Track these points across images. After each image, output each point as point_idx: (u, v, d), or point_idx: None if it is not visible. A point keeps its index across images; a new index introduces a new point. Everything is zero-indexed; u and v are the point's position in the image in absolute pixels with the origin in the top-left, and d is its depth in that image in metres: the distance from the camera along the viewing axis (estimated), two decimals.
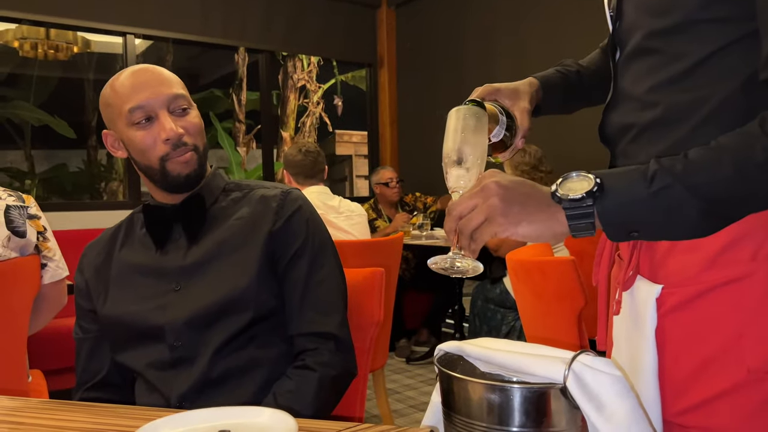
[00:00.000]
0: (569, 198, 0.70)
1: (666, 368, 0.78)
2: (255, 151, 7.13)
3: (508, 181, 0.74)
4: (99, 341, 1.20)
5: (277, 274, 1.15)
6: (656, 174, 0.68)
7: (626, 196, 0.70)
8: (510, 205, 0.72)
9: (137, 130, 1.11)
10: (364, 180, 7.11)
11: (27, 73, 6.78)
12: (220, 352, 1.09)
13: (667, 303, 0.77)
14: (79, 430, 0.80)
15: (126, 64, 4.00)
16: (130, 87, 1.12)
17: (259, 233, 1.14)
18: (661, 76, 0.78)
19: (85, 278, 1.22)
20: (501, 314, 3.20)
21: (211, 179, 1.21)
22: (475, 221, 0.73)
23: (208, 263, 1.13)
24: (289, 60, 6.79)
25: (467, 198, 0.75)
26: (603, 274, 0.93)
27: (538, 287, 1.99)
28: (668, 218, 0.69)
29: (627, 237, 0.72)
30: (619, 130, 0.85)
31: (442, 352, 0.78)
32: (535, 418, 0.66)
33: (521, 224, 0.72)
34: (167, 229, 1.16)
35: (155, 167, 1.13)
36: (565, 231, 0.72)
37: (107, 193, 7.28)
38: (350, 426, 0.76)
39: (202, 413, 0.77)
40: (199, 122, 1.16)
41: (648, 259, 0.82)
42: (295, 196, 1.20)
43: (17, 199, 1.73)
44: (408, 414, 3.00)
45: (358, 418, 1.32)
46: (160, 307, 1.12)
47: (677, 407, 0.77)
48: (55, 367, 2.56)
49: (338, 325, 1.14)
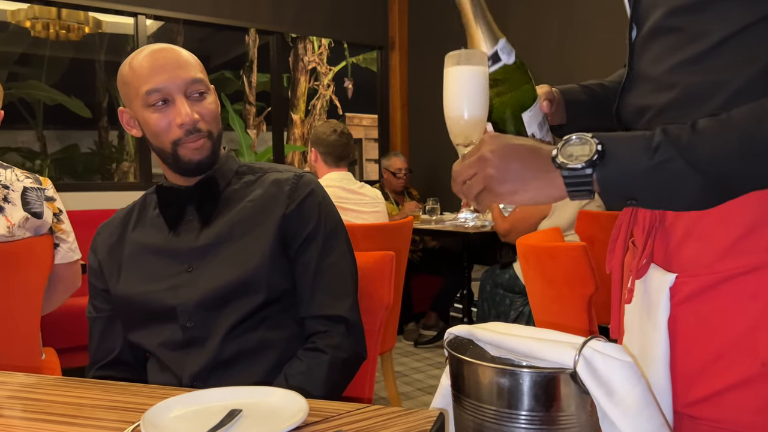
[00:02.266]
0: (569, 167, 0.70)
1: (678, 359, 0.77)
2: (265, 133, 7.12)
3: (504, 147, 0.74)
4: (112, 320, 1.21)
5: (289, 256, 1.15)
6: (660, 145, 0.67)
7: (627, 166, 0.69)
8: (506, 174, 0.73)
9: (153, 112, 1.12)
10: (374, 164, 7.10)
11: (39, 54, 6.79)
12: (232, 332, 1.10)
13: (680, 292, 0.76)
14: (93, 407, 0.82)
15: (137, 45, 3.99)
16: (148, 68, 1.11)
17: (271, 216, 1.14)
18: (681, 56, 0.75)
19: (98, 258, 1.23)
20: (510, 299, 3.20)
21: (224, 162, 1.21)
22: (475, 189, 0.75)
23: (220, 245, 1.13)
24: (299, 42, 6.75)
25: (467, 165, 0.76)
26: (617, 262, 0.91)
27: (549, 273, 1.99)
28: (668, 191, 0.69)
29: (624, 204, 0.73)
30: (636, 111, 0.83)
31: (452, 335, 0.78)
32: (544, 402, 0.66)
33: (518, 193, 0.73)
34: (180, 211, 1.17)
35: (168, 150, 1.13)
36: (562, 195, 0.73)
37: (118, 174, 7.31)
38: (360, 407, 0.77)
39: (214, 392, 0.78)
40: (215, 108, 1.16)
41: (662, 247, 0.80)
42: (307, 179, 1.20)
43: (35, 182, 1.75)
44: (416, 397, 3.02)
45: (367, 399, 1.33)
46: (173, 288, 1.13)
47: (688, 398, 0.76)
48: (67, 345, 2.60)
49: (349, 308, 1.15)
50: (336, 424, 0.71)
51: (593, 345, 0.66)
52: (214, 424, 0.68)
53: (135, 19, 3.98)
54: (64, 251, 1.81)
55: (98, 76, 7.11)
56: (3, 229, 1.65)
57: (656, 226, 0.81)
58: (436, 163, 4.68)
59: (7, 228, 1.65)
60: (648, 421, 0.64)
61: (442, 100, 0.84)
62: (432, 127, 4.83)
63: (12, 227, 1.66)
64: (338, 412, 0.75)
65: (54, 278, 1.82)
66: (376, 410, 0.75)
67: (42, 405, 0.83)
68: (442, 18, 4.82)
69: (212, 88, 1.19)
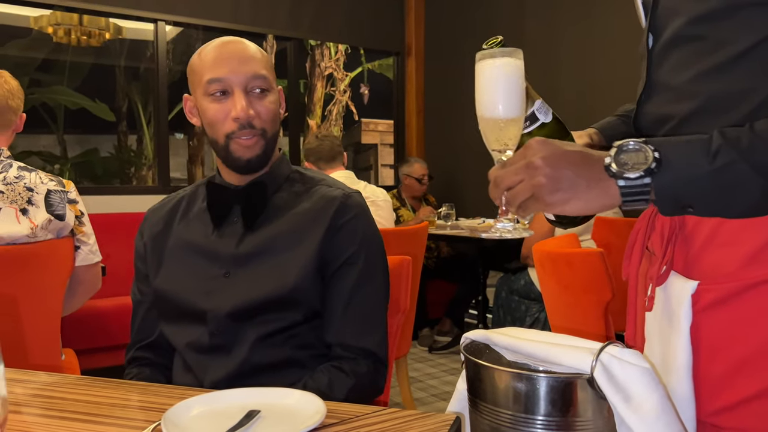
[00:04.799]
0: (625, 176, 0.67)
1: (701, 367, 0.75)
2: (282, 138, 7.16)
3: (555, 154, 0.70)
4: (154, 304, 1.22)
5: (325, 278, 1.13)
6: (720, 149, 0.65)
7: (686, 171, 0.66)
8: (557, 183, 0.69)
9: (211, 102, 1.12)
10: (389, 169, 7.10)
11: (61, 59, 6.89)
12: (259, 345, 1.09)
13: (703, 299, 0.74)
14: (114, 406, 0.83)
15: (156, 51, 4.05)
16: (213, 58, 1.12)
17: (314, 233, 1.12)
18: (704, 65, 0.74)
19: (144, 242, 1.24)
20: (525, 305, 3.19)
21: (277, 166, 1.20)
22: (521, 196, 0.71)
23: (259, 255, 1.12)
24: (316, 48, 6.79)
25: (512, 172, 0.72)
26: (633, 269, 0.90)
27: (565, 279, 1.98)
28: (728, 196, 0.67)
29: (680, 212, 0.70)
30: (656, 121, 0.82)
31: (468, 340, 0.78)
32: (561, 407, 0.66)
33: (570, 202, 0.70)
34: (226, 210, 1.16)
35: (221, 143, 1.13)
36: (615, 204, 0.70)
37: (137, 178, 7.38)
38: (377, 410, 0.77)
39: (234, 393, 0.79)
40: (274, 108, 1.15)
41: (682, 254, 0.78)
42: (355, 201, 1.17)
43: (58, 184, 1.77)
44: (430, 402, 3.01)
45: (383, 403, 1.33)
46: (207, 292, 1.12)
47: (712, 407, 0.74)
48: (86, 346, 2.63)
49: (379, 342, 1.13)
50: (353, 426, 0.72)
51: (611, 350, 0.66)
52: (233, 425, 0.69)
53: (155, 25, 4.03)
54: (84, 253, 1.84)
55: (118, 81, 7.19)
56: (26, 230, 1.68)
57: (676, 233, 0.80)
58: (451, 170, 4.68)
59: (31, 229, 1.68)
60: (666, 427, 0.64)
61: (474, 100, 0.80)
62: (448, 133, 4.82)
63: (35, 228, 1.69)
64: (355, 414, 0.75)
65: (74, 280, 1.84)
66: (393, 413, 0.76)
67: (63, 403, 0.84)
68: (458, 24, 4.82)
69: (279, 89, 1.19)
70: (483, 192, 0.85)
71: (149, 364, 1.21)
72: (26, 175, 1.73)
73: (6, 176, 1.70)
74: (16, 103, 1.80)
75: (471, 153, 3.95)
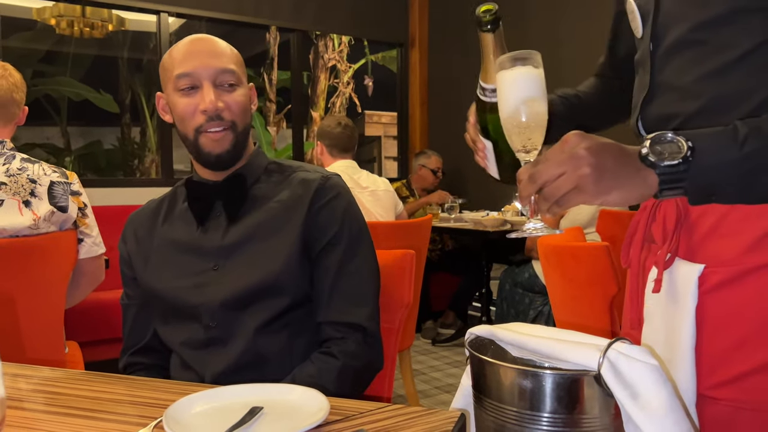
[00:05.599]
0: (665, 164, 0.70)
1: (704, 344, 0.79)
2: (285, 130, 7.15)
3: (598, 145, 0.71)
4: (143, 308, 1.23)
5: (311, 259, 1.14)
6: (748, 136, 0.69)
7: (717, 158, 0.70)
8: (602, 173, 0.70)
9: (181, 97, 1.13)
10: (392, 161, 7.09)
11: (64, 51, 6.88)
12: (255, 335, 1.09)
13: (709, 281, 0.78)
14: (116, 402, 0.82)
15: (159, 43, 4.03)
16: (183, 53, 1.13)
17: (296, 217, 1.14)
18: (707, 68, 0.78)
19: (127, 248, 1.24)
20: (529, 298, 3.18)
21: (254, 158, 1.21)
22: (564, 189, 0.71)
23: (245, 244, 1.13)
24: (320, 39, 6.76)
25: (554, 165, 0.72)
26: (634, 256, 0.93)
27: (570, 273, 1.97)
28: (754, 181, 0.71)
29: (706, 200, 0.74)
30: (661, 120, 0.85)
31: (473, 335, 0.77)
32: (567, 404, 0.65)
33: (612, 192, 0.71)
34: (208, 206, 1.17)
35: (191, 138, 1.14)
36: (652, 193, 0.72)
37: (140, 171, 7.39)
38: (380, 406, 0.76)
39: (236, 389, 0.78)
40: (244, 101, 1.16)
41: (685, 242, 0.82)
42: (334, 182, 1.19)
43: (61, 176, 1.77)
44: (433, 395, 3.01)
45: (387, 398, 1.32)
46: (198, 286, 1.13)
47: (712, 381, 0.79)
48: (90, 339, 2.63)
49: (368, 316, 1.13)
50: (356, 423, 0.71)
51: (618, 347, 0.65)
52: (236, 422, 0.68)
53: (157, 16, 4.01)
54: (88, 245, 1.84)
55: (121, 73, 7.18)
56: (29, 222, 1.68)
57: (681, 222, 0.83)
58: (455, 162, 4.66)
59: (33, 220, 1.68)
60: (674, 425, 0.63)
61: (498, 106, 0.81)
62: (452, 126, 4.79)
63: (38, 220, 1.69)
64: (359, 411, 0.75)
65: (78, 272, 1.84)
66: (397, 410, 0.75)
67: (65, 399, 0.84)
68: (462, 16, 4.79)
69: (250, 85, 1.20)
70: (487, 185, 0.84)
71: (144, 369, 1.22)
72: (29, 166, 1.73)
73: (9, 168, 1.70)
74: (20, 96, 1.80)
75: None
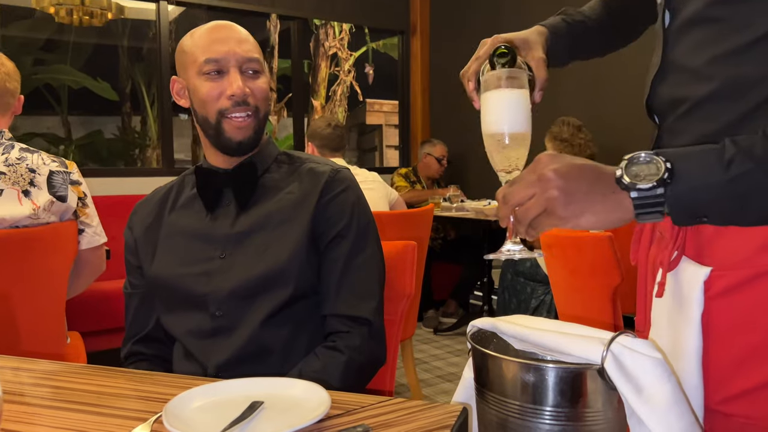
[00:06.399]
0: (638, 187, 0.65)
1: (711, 354, 0.74)
2: (286, 119, 7.12)
3: (567, 167, 0.68)
4: (146, 297, 1.23)
5: (318, 251, 1.14)
6: (735, 158, 0.63)
7: (700, 181, 0.65)
8: (571, 196, 0.67)
9: (206, 81, 1.13)
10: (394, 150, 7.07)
11: (63, 39, 6.85)
12: (261, 326, 1.09)
13: (716, 286, 0.73)
14: (117, 396, 0.82)
15: (159, 31, 4.01)
16: (209, 39, 1.14)
17: (305, 209, 1.14)
18: (722, 48, 0.72)
19: (134, 236, 1.24)
20: (531, 288, 3.18)
21: (265, 147, 1.22)
22: (533, 212, 0.69)
23: (254, 233, 1.13)
24: (320, 27, 6.72)
25: (523, 187, 0.70)
26: (643, 253, 0.89)
27: (573, 263, 1.96)
28: (744, 206, 0.65)
29: (693, 222, 0.68)
30: (669, 103, 0.80)
31: (475, 328, 0.77)
32: (570, 398, 0.65)
33: (584, 216, 0.68)
34: (218, 194, 1.17)
35: (212, 121, 1.14)
36: (630, 218, 0.68)
37: (141, 160, 7.38)
38: (382, 400, 0.76)
39: (236, 383, 0.77)
40: (267, 88, 1.18)
41: (694, 240, 0.77)
42: (343, 175, 1.19)
43: (60, 165, 1.76)
44: (435, 384, 3.02)
45: (389, 391, 1.32)
46: (205, 274, 1.13)
47: (721, 395, 0.73)
48: (91, 329, 2.63)
49: (373, 311, 1.13)
50: (358, 418, 0.71)
51: (621, 341, 0.65)
52: (236, 417, 0.68)
53: (157, 4, 3.98)
54: (89, 236, 1.83)
55: (121, 62, 7.15)
56: (28, 211, 1.67)
57: None
58: (457, 151, 4.64)
59: (33, 210, 1.67)
60: (678, 419, 0.63)
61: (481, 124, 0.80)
62: (453, 114, 4.78)
63: (37, 209, 1.68)
64: (361, 405, 0.74)
65: (79, 262, 1.84)
66: (399, 403, 0.75)
67: (64, 393, 0.83)
68: (464, 3, 4.75)
69: (266, 71, 1.21)
70: (488, 174, 0.83)
71: (145, 359, 1.21)
72: (28, 156, 1.72)
73: (8, 158, 1.69)
74: (14, 86, 1.78)
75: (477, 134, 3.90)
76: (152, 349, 1.22)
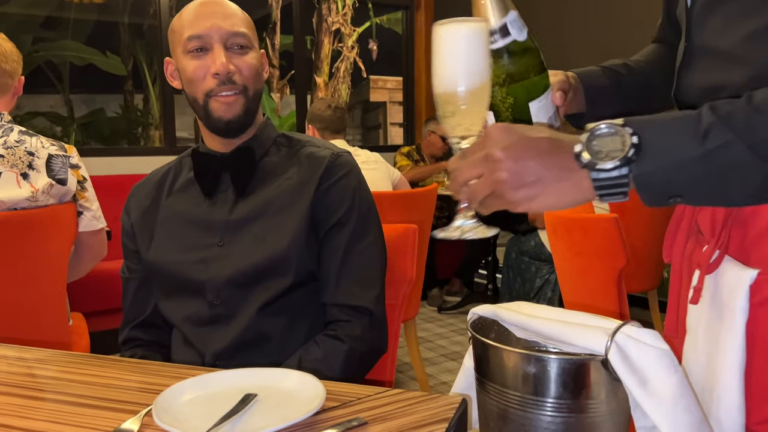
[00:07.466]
0: (599, 167, 0.58)
1: (755, 369, 0.66)
2: (288, 96, 7.07)
3: (519, 144, 0.60)
4: (144, 282, 1.21)
5: (318, 237, 1.12)
6: (711, 128, 0.55)
7: (672, 156, 0.56)
8: (521, 177, 0.59)
9: (191, 59, 1.10)
10: (398, 128, 7.01)
11: (64, 17, 6.78)
12: (259, 313, 1.08)
13: (763, 291, 0.64)
14: (107, 387, 0.80)
15: (159, 8, 3.95)
16: (193, 15, 1.10)
17: (305, 195, 1.11)
18: (754, 24, 0.62)
19: (131, 220, 1.21)
20: (535, 267, 3.16)
21: (262, 130, 1.18)
22: (481, 194, 0.62)
23: (252, 221, 1.11)
24: (323, 2, 6.62)
25: (470, 165, 0.62)
26: (678, 250, 0.79)
27: (578, 245, 1.94)
28: (724, 183, 0.57)
29: (665, 202, 0.60)
30: (702, 93, 0.69)
31: (476, 316, 0.75)
32: (573, 389, 0.63)
33: (537, 198, 0.60)
34: (216, 179, 1.14)
35: (200, 102, 1.11)
36: (591, 198, 0.61)
37: (144, 138, 7.35)
38: (379, 391, 0.74)
39: (229, 375, 0.76)
40: (256, 64, 1.12)
41: (738, 238, 0.67)
42: (344, 160, 1.15)
43: (59, 149, 1.75)
44: (439, 362, 3.02)
45: (388, 382, 1.30)
46: (203, 261, 1.11)
47: (763, 414, 0.66)
48: (94, 309, 2.64)
49: (374, 299, 1.11)
50: (354, 410, 0.69)
51: (627, 331, 0.63)
52: (228, 410, 0.66)
53: None
54: (87, 219, 1.82)
55: (123, 39, 7.09)
56: (27, 194, 1.66)
57: (732, 214, 0.69)
58: None
59: (32, 193, 1.66)
60: (685, 412, 0.61)
61: None
62: None
63: (36, 192, 1.67)
64: (357, 397, 0.72)
65: (80, 246, 1.83)
66: (397, 395, 0.73)
67: (54, 384, 0.82)
68: None
69: (260, 50, 1.16)
70: None
71: (142, 345, 1.20)
72: (27, 139, 1.70)
73: (6, 140, 1.67)
74: (12, 66, 1.75)
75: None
76: (150, 334, 1.21)
